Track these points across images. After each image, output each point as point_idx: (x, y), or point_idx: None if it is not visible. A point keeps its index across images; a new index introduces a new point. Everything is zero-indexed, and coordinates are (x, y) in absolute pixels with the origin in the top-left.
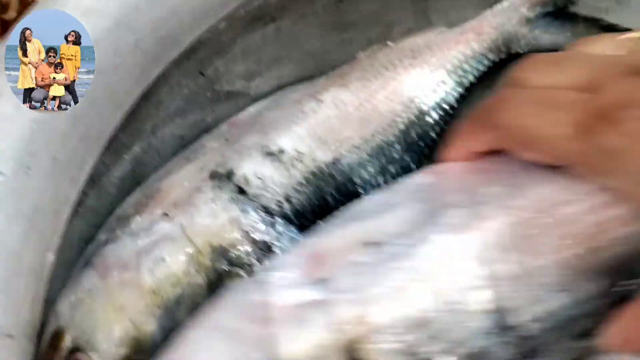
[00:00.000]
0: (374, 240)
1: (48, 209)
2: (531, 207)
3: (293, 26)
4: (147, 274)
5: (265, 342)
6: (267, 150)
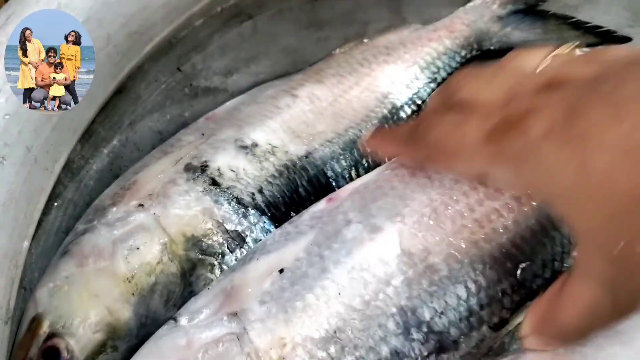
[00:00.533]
0: (279, 269)
1: (22, 198)
2: (416, 213)
3: (269, 23)
4: (122, 262)
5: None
6: (241, 143)
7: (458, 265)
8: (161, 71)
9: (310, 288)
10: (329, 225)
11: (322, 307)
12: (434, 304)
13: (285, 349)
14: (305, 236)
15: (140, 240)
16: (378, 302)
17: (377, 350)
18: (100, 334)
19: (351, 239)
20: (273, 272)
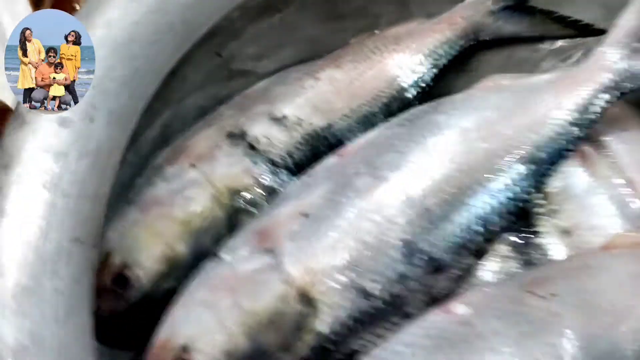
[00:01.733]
0: (304, 213)
1: (106, 150)
2: (413, 165)
3: (295, 16)
4: (179, 209)
5: (235, 304)
6: (273, 116)
7: (449, 207)
8: (204, 55)
9: (330, 228)
10: (342, 176)
11: (341, 242)
12: (430, 237)
13: (315, 276)
14: (322, 186)
15: (193, 192)
16: (386, 237)
17: (386, 274)
18: (161, 265)
19: (361, 187)
20: (299, 215)
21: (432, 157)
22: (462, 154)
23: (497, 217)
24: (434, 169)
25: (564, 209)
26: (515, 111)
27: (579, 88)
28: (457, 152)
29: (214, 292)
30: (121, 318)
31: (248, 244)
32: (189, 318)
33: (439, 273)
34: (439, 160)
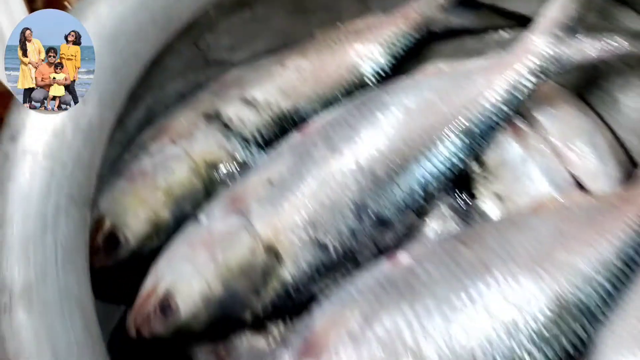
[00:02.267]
0: (269, 181)
1: (97, 127)
2: (365, 139)
3: (264, 11)
4: (161, 179)
5: (211, 257)
6: (245, 99)
7: (394, 173)
8: (183, 47)
9: (292, 192)
10: (303, 150)
11: (301, 204)
12: (377, 199)
13: (279, 232)
14: (286, 158)
15: (173, 165)
16: (339, 199)
17: (339, 230)
18: (146, 227)
19: (319, 158)
20: (266, 183)
21: (379, 131)
22: (405, 129)
23: (436, 182)
24: (381, 141)
25: (499, 177)
26: (452, 91)
27: (507, 71)
28: (401, 126)
29: (193, 247)
30: (112, 274)
31: (222, 207)
32: (171, 270)
33: (386, 229)
34: (385, 133)
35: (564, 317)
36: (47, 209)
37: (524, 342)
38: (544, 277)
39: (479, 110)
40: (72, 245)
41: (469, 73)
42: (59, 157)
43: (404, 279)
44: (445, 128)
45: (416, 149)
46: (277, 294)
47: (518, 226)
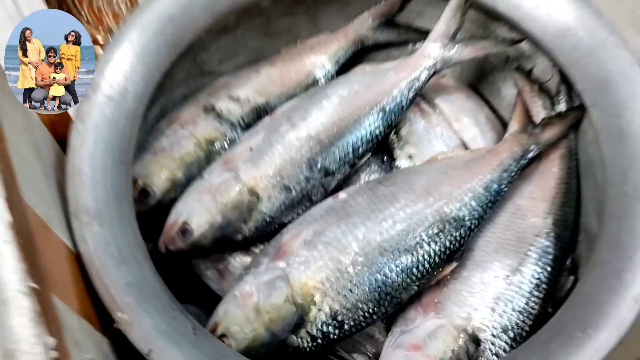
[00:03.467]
0: (250, 148)
1: (133, 113)
2: (316, 115)
3: (243, 34)
4: (176, 152)
5: (212, 198)
6: (231, 97)
7: (334, 139)
8: (185, 62)
9: (266, 154)
10: (272, 127)
11: (272, 161)
12: (324, 157)
13: (258, 179)
14: (261, 133)
15: (183, 142)
16: (298, 158)
17: (299, 178)
18: (167, 184)
19: (283, 131)
20: (247, 149)
21: (323, 112)
22: (340, 109)
23: (364, 145)
24: (324, 119)
25: (410, 143)
26: (373, 84)
27: (409, 69)
28: (337, 108)
29: (200, 194)
30: (145, 217)
31: (218, 167)
32: (187, 208)
33: (330, 177)
34: (327, 113)
35: (446, 226)
36: (106, 164)
37: (419, 239)
38: (432, 201)
39: (391, 95)
40: (123, 188)
41: (384, 71)
42: (113, 137)
43: (341, 207)
44: (368, 108)
45: (348, 123)
46: (258, 222)
47: (418, 171)
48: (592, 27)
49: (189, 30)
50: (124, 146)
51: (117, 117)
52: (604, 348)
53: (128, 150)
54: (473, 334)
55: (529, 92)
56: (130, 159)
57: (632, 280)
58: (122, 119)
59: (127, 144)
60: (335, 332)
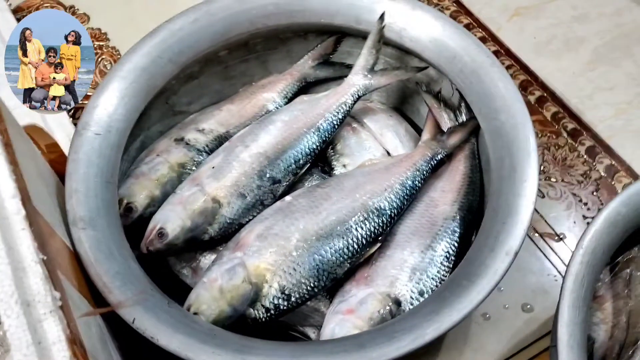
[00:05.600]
0: (212, 167)
1: (116, 146)
2: (264, 137)
3: (207, 79)
4: (153, 174)
5: (183, 207)
6: (198, 129)
7: (279, 154)
8: (159, 104)
9: (225, 170)
10: (230, 149)
11: (230, 175)
12: (271, 168)
13: (219, 190)
14: (221, 154)
15: (159, 166)
16: (250, 170)
17: (252, 187)
18: (147, 200)
19: (238, 151)
20: (210, 169)
21: (270, 134)
22: (283, 131)
23: (304, 158)
24: (270, 139)
25: (344, 155)
26: (308, 110)
27: (339, 95)
28: (280, 130)
29: (173, 204)
30: (129, 228)
31: (187, 184)
32: (163, 216)
33: (278, 184)
34: (273, 135)
35: (370, 215)
36: (97, 184)
37: (349, 226)
38: (358, 196)
39: (324, 117)
40: (111, 202)
41: (318, 99)
42: (101, 163)
43: (287, 207)
44: (306, 129)
45: (290, 141)
46: (221, 224)
47: (348, 175)
48: (473, 53)
49: (159, 78)
50: (110, 170)
51: (104, 148)
52: (483, 291)
53: (114, 173)
54: (395, 298)
55: (436, 108)
56: (115, 179)
57: (504, 239)
58: (107, 149)
59: (112, 168)
60: (285, 304)
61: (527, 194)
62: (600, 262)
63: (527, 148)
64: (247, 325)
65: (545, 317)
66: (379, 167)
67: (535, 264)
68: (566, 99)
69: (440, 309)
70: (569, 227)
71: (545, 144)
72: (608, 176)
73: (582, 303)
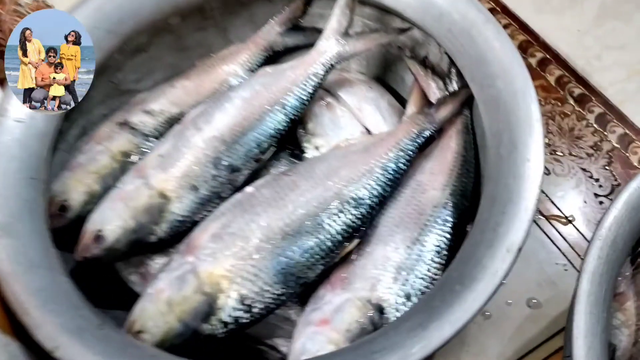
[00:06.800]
0: (160, 155)
1: (43, 133)
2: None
3: (157, 52)
4: (91, 165)
5: (124, 204)
6: (145, 110)
7: (238, 138)
8: (101, 83)
9: (173, 158)
10: (180, 133)
11: (179, 164)
12: (228, 155)
13: (167, 182)
14: (170, 140)
15: (99, 156)
16: (203, 158)
17: (206, 177)
18: (84, 196)
19: (189, 135)
20: (157, 157)
21: (225, 113)
22: (243, 110)
23: (267, 140)
24: (227, 119)
25: (317, 135)
26: (272, 83)
27: (307, 65)
28: (239, 109)
29: (113, 201)
30: (64, 230)
31: (130, 176)
32: (100, 216)
33: (237, 173)
34: (229, 114)
35: (345, 206)
36: (18, 181)
37: (320, 220)
38: (331, 184)
39: (289, 92)
40: (36, 202)
41: (283, 70)
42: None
43: (247, 199)
44: (269, 106)
45: (251, 121)
46: (170, 223)
47: (319, 159)
48: (464, 9)
49: (97, 52)
50: (35, 164)
51: (27, 138)
52: (481, 297)
53: (40, 167)
54: (377, 304)
55: (423, 76)
56: (42, 175)
57: (505, 232)
58: (32, 139)
59: (37, 161)
60: (246, 316)
61: (531, 176)
62: (621, 254)
63: (529, 119)
64: (201, 343)
65: (554, 313)
66: (356, 148)
67: (540, 251)
68: (571, 60)
69: (428, 321)
70: (579, 207)
71: (550, 112)
72: (622, 147)
73: (602, 308)
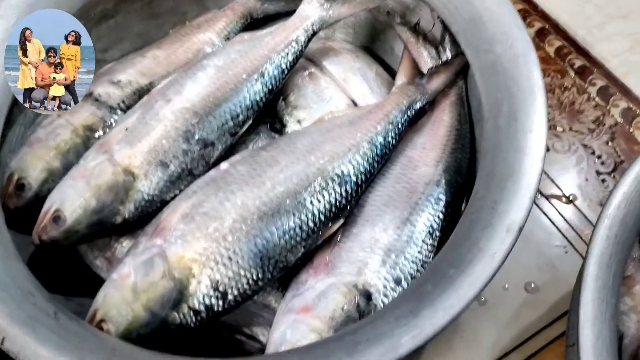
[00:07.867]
0: (125, 128)
1: None
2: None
3: (125, 19)
4: (51, 140)
5: (86, 182)
6: (111, 81)
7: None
8: None
9: (140, 132)
10: (147, 104)
11: (147, 138)
12: (202, 128)
13: (133, 158)
14: (137, 112)
15: (59, 130)
16: (174, 132)
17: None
18: (43, 174)
19: (157, 107)
20: (123, 130)
21: (198, 84)
22: (216, 80)
23: (244, 112)
24: (199, 89)
25: (299, 108)
26: (249, 51)
27: (288, 31)
28: (212, 78)
29: (74, 179)
30: (23, 211)
31: (93, 151)
32: (60, 195)
33: (210, 148)
34: (202, 84)
35: (329, 183)
36: None
37: (301, 198)
38: (314, 160)
39: (270, 60)
40: None
41: (261, 37)
42: None
43: (221, 177)
44: (246, 75)
45: (225, 91)
46: (137, 202)
47: (302, 133)
48: None
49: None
50: None
51: None
52: (478, 282)
53: None
54: (364, 289)
55: (414, 44)
56: None
57: (504, 210)
58: None
59: None
60: (219, 303)
61: (532, 149)
62: (631, 234)
63: (531, 87)
64: (171, 333)
65: (554, 298)
66: (342, 121)
67: (539, 232)
68: (572, 30)
69: (419, 309)
70: (580, 185)
71: (549, 85)
72: (625, 122)
73: (611, 293)
